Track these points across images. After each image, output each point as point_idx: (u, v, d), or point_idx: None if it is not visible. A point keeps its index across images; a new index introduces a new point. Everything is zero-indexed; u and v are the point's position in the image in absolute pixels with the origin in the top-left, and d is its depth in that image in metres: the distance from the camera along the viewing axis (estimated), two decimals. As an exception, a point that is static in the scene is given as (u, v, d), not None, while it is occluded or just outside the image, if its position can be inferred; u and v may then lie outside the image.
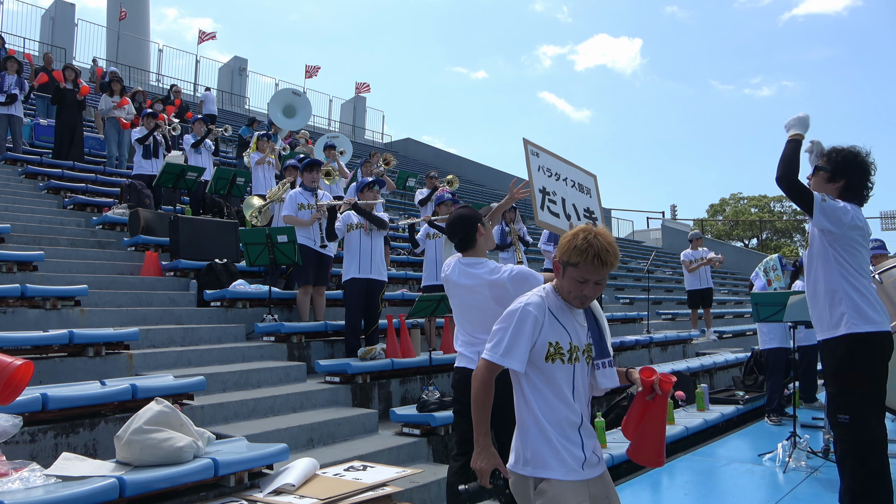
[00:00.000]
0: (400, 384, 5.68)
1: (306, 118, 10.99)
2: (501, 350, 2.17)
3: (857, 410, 2.96)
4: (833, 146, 3.22)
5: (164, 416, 3.30)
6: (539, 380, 2.20)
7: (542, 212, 3.41)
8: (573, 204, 3.53)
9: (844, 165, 3.14)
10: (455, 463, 3.33)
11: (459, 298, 3.30)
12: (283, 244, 6.14)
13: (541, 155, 3.47)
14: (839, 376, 3.02)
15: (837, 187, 3.15)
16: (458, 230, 3.34)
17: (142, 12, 26.89)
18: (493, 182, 26.18)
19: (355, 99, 30.85)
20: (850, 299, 2.98)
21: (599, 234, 2.13)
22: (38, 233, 7.14)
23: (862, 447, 2.95)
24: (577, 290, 2.17)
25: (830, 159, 3.18)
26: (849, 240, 3.02)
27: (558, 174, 3.52)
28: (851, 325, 2.96)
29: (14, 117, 10.03)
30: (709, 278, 10.76)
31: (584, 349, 2.28)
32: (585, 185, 3.65)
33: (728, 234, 39.96)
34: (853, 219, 3.01)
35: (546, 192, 3.42)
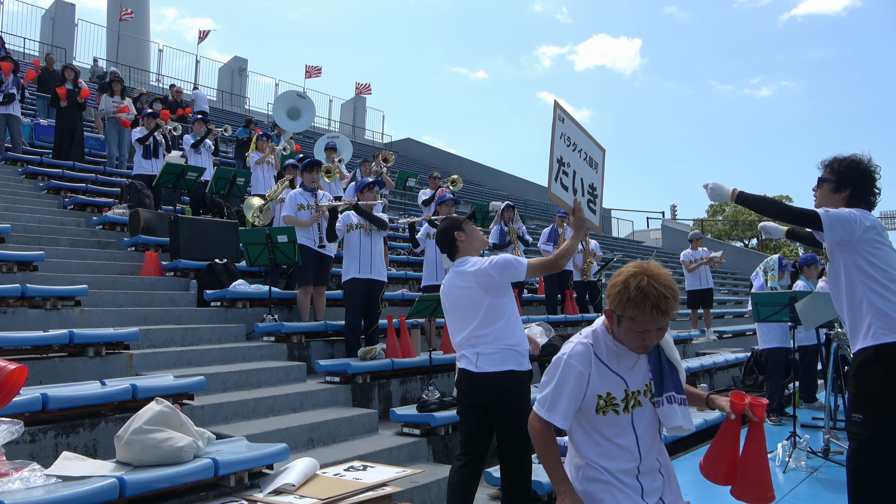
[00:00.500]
0: (400, 384, 5.68)
1: (310, 120, 11.00)
2: (547, 404, 2.02)
3: (870, 411, 2.92)
4: (835, 156, 3.19)
5: (165, 416, 3.30)
6: (591, 429, 2.02)
7: (555, 184, 3.26)
8: (581, 178, 3.41)
9: (849, 174, 3.10)
10: (458, 462, 3.33)
11: (457, 302, 3.33)
12: (283, 244, 6.14)
13: (566, 121, 3.32)
14: (859, 376, 2.99)
15: (844, 197, 3.10)
16: (442, 243, 3.47)
17: (142, 12, 26.89)
18: (493, 182, 26.18)
19: (355, 99, 30.86)
20: (874, 309, 2.91)
21: (653, 278, 1.88)
22: (39, 233, 7.14)
23: (868, 447, 2.91)
24: (638, 341, 1.95)
25: (833, 170, 3.14)
26: (864, 243, 2.95)
27: (576, 145, 3.39)
28: (878, 336, 2.90)
29: (12, 117, 10.03)
30: (709, 278, 10.75)
31: (647, 388, 2.05)
32: (595, 160, 3.53)
33: (728, 234, 39.95)
34: (862, 220, 2.95)
35: (563, 163, 3.29)
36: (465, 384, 3.30)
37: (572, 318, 9.26)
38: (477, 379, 3.22)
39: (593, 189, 3.47)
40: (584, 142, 3.44)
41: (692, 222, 32.81)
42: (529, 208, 23.24)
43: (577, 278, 9.82)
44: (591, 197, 3.46)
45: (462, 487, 3.26)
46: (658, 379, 2.04)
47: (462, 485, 3.26)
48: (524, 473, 3.27)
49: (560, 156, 3.28)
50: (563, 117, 3.29)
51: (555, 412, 1.99)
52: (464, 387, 3.32)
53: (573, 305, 9.56)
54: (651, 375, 2.05)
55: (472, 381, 3.25)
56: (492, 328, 3.24)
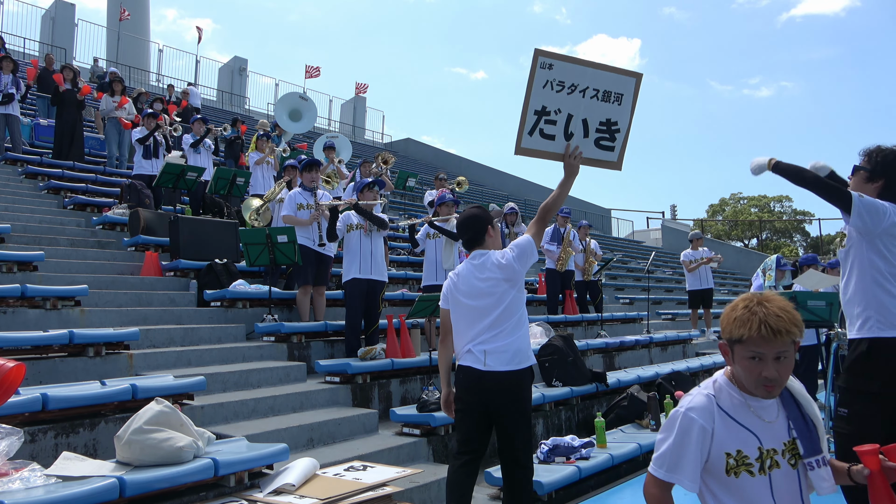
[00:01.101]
0: (400, 384, 5.68)
1: (311, 122, 11.01)
2: (666, 464, 1.77)
3: (855, 406, 2.97)
4: (877, 145, 3.20)
5: (164, 416, 3.30)
6: (724, 494, 1.77)
7: (531, 137, 3.16)
8: (584, 119, 3.23)
9: (885, 165, 3.11)
10: (456, 461, 3.30)
11: (475, 296, 3.23)
12: (283, 244, 6.14)
13: (556, 66, 3.14)
14: (850, 371, 3.04)
15: (877, 187, 3.12)
16: (469, 228, 3.35)
17: (142, 12, 26.89)
18: (493, 182, 26.18)
19: (355, 99, 30.86)
20: (878, 301, 2.95)
21: (765, 301, 1.72)
22: (38, 233, 7.14)
23: (852, 442, 2.94)
24: (755, 373, 1.71)
25: (871, 159, 3.16)
26: (885, 235, 2.97)
27: (575, 85, 3.20)
28: (875, 329, 2.94)
29: (11, 117, 10.03)
30: (709, 278, 10.76)
31: (786, 448, 1.78)
32: (616, 91, 3.27)
33: (728, 234, 39.96)
34: (892, 213, 2.96)
35: (544, 112, 3.17)
36: (471, 383, 3.22)
37: (572, 318, 9.27)
38: (485, 377, 3.16)
39: (610, 124, 3.30)
40: (595, 77, 3.23)
41: (692, 222, 32.81)
42: (530, 208, 23.22)
43: (578, 278, 9.83)
44: (606, 133, 3.30)
45: (463, 486, 3.25)
46: (806, 437, 1.79)
47: (463, 484, 3.25)
48: (526, 474, 3.25)
49: (542, 105, 3.17)
50: (551, 63, 3.15)
51: (679, 472, 1.74)
52: (468, 385, 3.24)
53: (573, 305, 9.56)
54: (794, 433, 1.80)
55: (480, 380, 3.17)
56: (507, 323, 3.21)
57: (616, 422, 5.96)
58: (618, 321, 10.22)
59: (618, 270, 16.56)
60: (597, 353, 8.04)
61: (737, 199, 43.34)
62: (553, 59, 3.15)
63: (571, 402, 6.19)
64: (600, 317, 9.60)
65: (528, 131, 3.18)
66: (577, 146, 3.19)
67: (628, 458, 4.97)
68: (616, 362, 8.39)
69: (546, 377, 6.34)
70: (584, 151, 3.24)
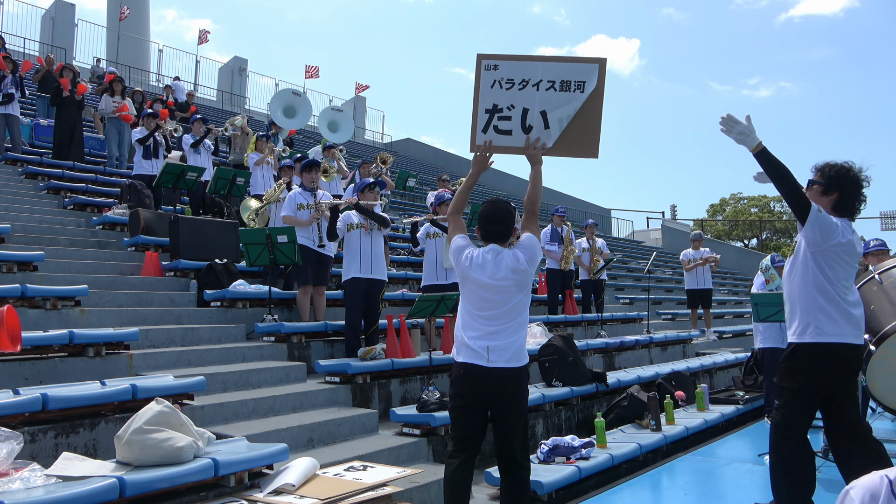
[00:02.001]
0: (400, 384, 5.68)
1: (306, 118, 11.00)
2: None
3: (784, 399, 3.32)
4: (827, 161, 3.37)
5: (165, 416, 3.30)
6: None
7: (485, 134, 3.29)
8: (542, 111, 3.29)
9: (838, 179, 3.28)
10: (454, 460, 3.24)
11: (486, 288, 3.19)
12: (283, 244, 6.14)
13: (501, 66, 3.26)
14: (781, 368, 3.36)
15: (831, 200, 3.29)
16: (501, 221, 3.28)
17: (142, 12, 26.89)
18: (492, 182, 26.17)
19: (355, 99, 30.85)
20: (822, 311, 3.20)
21: None
22: (38, 233, 7.13)
23: (779, 430, 3.32)
24: None
25: (824, 174, 3.33)
26: (832, 254, 3.19)
27: (526, 80, 3.28)
28: (815, 335, 3.22)
29: (11, 116, 10.02)
30: (708, 279, 10.77)
31: None
32: (577, 80, 3.30)
33: (728, 234, 39.95)
34: (841, 235, 3.18)
35: (496, 110, 3.29)
36: (473, 379, 3.18)
37: (572, 318, 9.27)
38: (488, 374, 3.13)
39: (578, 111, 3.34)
40: (548, 70, 3.31)
41: (692, 222, 32.84)
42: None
43: (583, 276, 9.84)
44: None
45: (463, 485, 3.23)
46: None
47: (463, 483, 3.23)
48: (524, 473, 3.25)
49: (493, 104, 3.28)
50: (496, 64, 3.27)
51: None
52: (469, 382, 3.20)
53: (573, 305, 9.56)
54: None
55: (483, 377, 3.14)
56: (512, 323, 3.21)
57: (616, 422, 5.96)
58: (618, 321, 10.22)
59: (618, 270, 16.56)
60: (597, 353, 8.04)
61: (737, 199, 43.32)
62: (497, 60, 3.29)
63: (571, 402, 6.19)
64: (600, 317, 9.60)
65: (482, 129, 3.30)
66: (539, 138, 3.30)
67: (628, 458, 4.97)
68: (616, 362, 8.39)
69: (546, 377, 6.33)
70: (547, 142, 3.33)
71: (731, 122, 3.14)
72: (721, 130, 3.17)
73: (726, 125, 3.15)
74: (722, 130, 3.17)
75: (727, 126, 3.15)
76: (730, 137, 3.15)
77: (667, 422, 5.83)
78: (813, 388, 3.28)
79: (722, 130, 3.17)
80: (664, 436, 5.48)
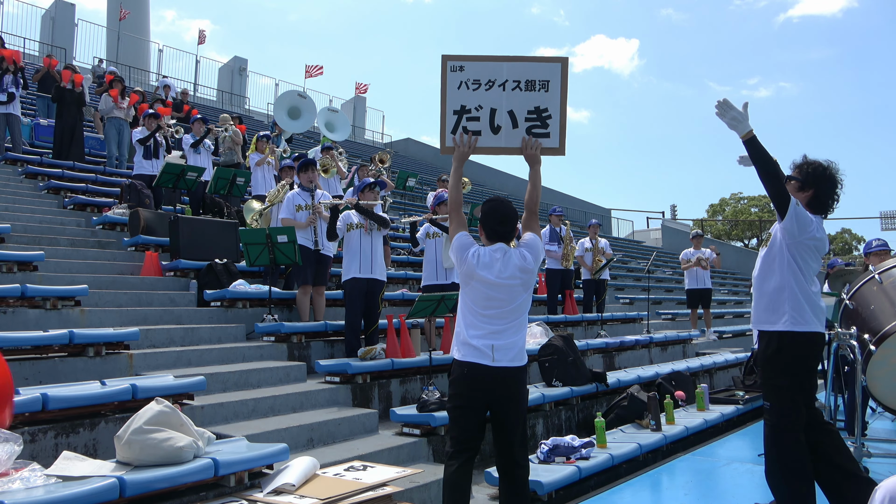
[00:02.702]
0: (400, 384, 5.68)
1: (311, 120, 10.98)
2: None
3: (776, 399, 3.33)
4: (805, 158, 3.48)
5: (165, 416, 3.30)
6: None
7: (454, 136, 3.33)
8: (509, 111, 3.37)
9: (815, 177, 3.40)
10: (454, 461, 3.19)
11: (491, 290, 3.17)
12: (283, 244, 6.14)
13: (467, 67, 3.30)
14: (768, 367, 3.38)
15: (806, 196, 3.41)
16: (508, 221, 3.27)
17: (142, 12, 26.88)
18: (492, 182, 26.17)
19: (355, 99, 30.85)
20: (795, 300, 3.29)
21: None
22: (38, 233, 7.13)
23: (777, 432, 3.31)
24: None
25: (802, 170, 3.44)
26: (805, 248, 3.32)
27: (492, 81, 3.34)
28: (790, 324, 3.29)
29: (12, 116, 10.02)
30: (706, 279, 10.78)
31: None
32: (541, 79, 3.40)
33: (728, 234, 39.95)
34: (815, 230, 3.31)
35: (465, 111, 3.32)
36: (476, 379, 3.14)
37: (572, 318, 9.27)
38: (492, 373, 3.11)
39: (541, 111, 3.42)
40: (513, 70, 3.38)
41: (692, 222, 32.83)
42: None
43: (586, 276, 9.84)
44: (538, 121, 3.42)
45: (464, 487, 3.20)
46: None
47: (464, 484, 3.20)
48: (524, 473, 3.25)
49: (460, 105, 3.32)
50: (461, 65, 3.30)
51: None
52: (473, 381, 3.15)
53: (573, 305, 9.56)
54: None
55: (487, 376, 3.11)
56: (515, 322, 3.21)
57: (616, 422, 5.96)
58: (618, 321, 10.22)
59: (618, 270, 16.57)
60: (597, 353, 8.04)
61: (737, 198, 43.33)
62: (462, 62, 3.32)
63: (571, 402, 6.19)
64: (600, 317, 9.60)
65: (451, 130, 3.33)
66: (536, 140, 3.38)
67: (628, 458, 4.97)
68: (616, 362, 8.39)
69: (546, 377, 6.33)
70: (510, 142, 3.39)
71: (725, 106, 3.21)
72: (715, 113, 3.24)
73: (721, 109, 3.22)
74: (716, 113, 3.24)
75: (721, 110, 3.22)
76: (723, 121, 3.22)
77: (667, 422, 5.83)
78: (808, 381, 3.35)
79: (716, 113, 3.24)
80: (664, 436, 5.48)
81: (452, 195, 3.40)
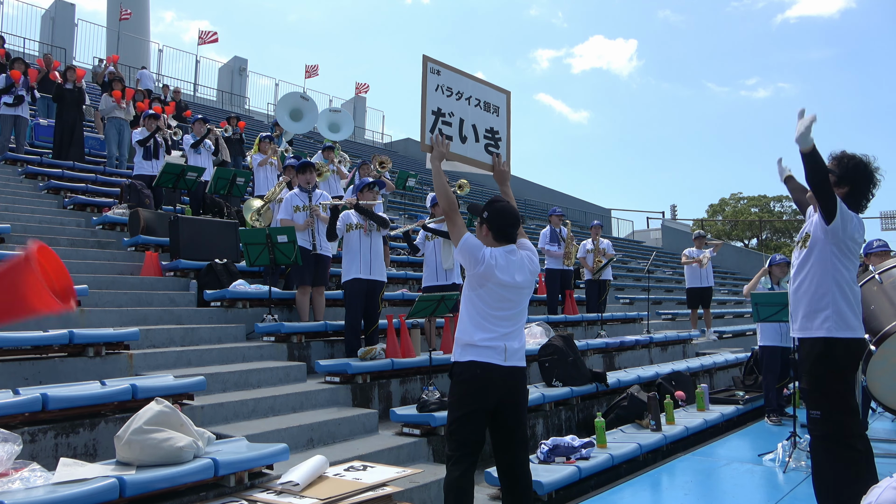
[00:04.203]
0: (400, 384, 5.68)
1: (313, 121, 10.97)
2: None
3: (826, 407, 3.12)
4: (844, 151, 3.24)
5: (164, 416, 3.30)
6: None
7: (432, 135, 3.38)
8: (473, 125, 3.52)
9: (853, 172, 3.18)
10: (461, 465, 3.11)
11: (506, 291, 3.16)
12: (283, 244, 6.14)
13: (443, 73, 3.41)
14: (812, 374, 3.18)
15: (842, 192, 3.19)
16: (516, 222, 3.29)
17: (142, 12, 26.88)
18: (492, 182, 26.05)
19: (355, 99, 30.85)
20: (836, 304, 3.11)
21: None
22: (38, 233, 7.12)
23: (830, 441, 3.11)
24: None
25: (841, 164, 3.21)
26: (847, 249, 3.14)
27: (461, 93, 3.49)
28: (832, 329, 3.11)
29: (20, 118, 10.06)
30: (710, 277, 10.76)
31: None
32: (494, 104, 3.64)
33: (728, 234, 39.95)
34: (855, 229, 3.13)
35: (441, 114, 3.40)
36: (491, 380, 3.09)
37: (572, 318, 9.27)
38: (505, 373, 3.09)
39: (493, 132, 3.61)
40: (474, 88, 3.54)
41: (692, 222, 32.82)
42: (529, 208, 23.27)
43: (587, 276, 9.84)
44: (492, 141, 3.60)
45: (471, 492, 3.16)
46: None
47: (471, 489, 3.15)
48: (525, 473, 3.24)
49: (437, 107, 3.39)
50: (438, 69, 3.39)
51: None
52: (487, 382, 3.10)
53: (573, 305, 9.56)
54: None
55: (499, 376, 3.08)
56: (520, 323, 3.26)
57: (616, 422, 5.96)
58: (618, 321, 10.22)
59: (618, 270, 16.56)
60: (597, 353, 8.04)
61: (737, 199, 43.32)
62: (439, 66, 3.42)
63: (571, 402, 6.19)
64: (600, 317, 9.60)
65: (430, 129, 3.39)
66: (503, 159, 3.59)
67: (628, 458, 4.97)
68: (616, 362, 8.39)
69: (546, 377, 6.33)
70: (475, 154, 3.52)
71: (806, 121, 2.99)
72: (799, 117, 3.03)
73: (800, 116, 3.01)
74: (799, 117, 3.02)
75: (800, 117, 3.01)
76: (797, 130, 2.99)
77: (667, 422, 5.83)
78: (850, 385, 3.13)
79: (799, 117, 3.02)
80: (664, 436, 5.48)
81: (446, 195, 3.31)
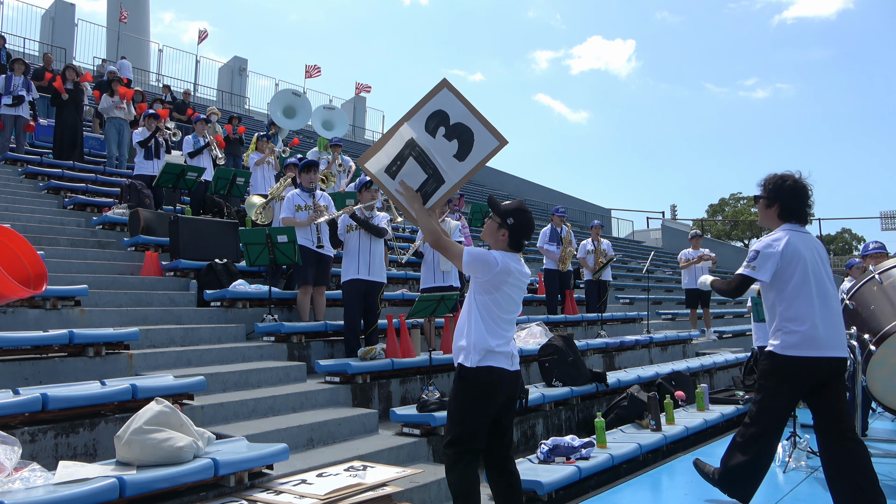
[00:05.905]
0: (400, 384, 5.68)
1: (306, 118, 10.99)
2: None
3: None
4: (770, 174, 3.49)
5: (164, 416, 3.30)
6: None
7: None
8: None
9: (776, 191, 3.41)
10: (471, 466, 3.09)
11: (519, 297, 3.21)
12: (283, 244, 6.14)
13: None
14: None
15: (775, 211, 3.42)
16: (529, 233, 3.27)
17: (142, 12, 26.87)
18: (492, 182, 26.18)
19: (355, 99, 30.82)
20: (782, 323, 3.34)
21: None
22: (38, 233, 7.13)
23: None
24: None
25: (766, 187, 3.46)
26: (784, 275, 3.31)
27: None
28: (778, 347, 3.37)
29: (21, 118, 10.06)
30: (708, 277, 10.75)
31: None
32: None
33: (728, 234, 39.95)
34: (781, 255, 3.28)
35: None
36: (502, 384, 3.09)
37: (572, 318, 9.26)
38: (511, 377, 3.13)
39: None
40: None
41: (692, 222, 32.83)
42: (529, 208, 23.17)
43: (588, 277, 9.84)
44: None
45: (479, 488, 3.17)
46: None
47: (479, 486, 3.17)
48: (516, 471, 3.27)
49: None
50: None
51: None
52: (500, 387, 3.09)
53: (573, 305, 9.56)
54: None
55: (507, 380, 3.11)
56: (515, 326, 3.32)
57: (616, 422, 5.96)
58: (618, 321, 10.22)
59: (618, 270, 16.56)
60: (597, 353, 8.04)
61: (737, 199, 43.33)
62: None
63: (571, 402, 6.19)
64: (600, 317, 9.60)
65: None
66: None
67: (628, 458, 4.97)
68: (616, 362, 8.39)
69: (546, 377, 6.33)
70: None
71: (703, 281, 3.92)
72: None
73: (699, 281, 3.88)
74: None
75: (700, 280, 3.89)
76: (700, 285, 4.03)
77: (667, 422, 5.83)
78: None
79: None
80: (664, 436, 5.48)
81: (430, 234, 3.16)
